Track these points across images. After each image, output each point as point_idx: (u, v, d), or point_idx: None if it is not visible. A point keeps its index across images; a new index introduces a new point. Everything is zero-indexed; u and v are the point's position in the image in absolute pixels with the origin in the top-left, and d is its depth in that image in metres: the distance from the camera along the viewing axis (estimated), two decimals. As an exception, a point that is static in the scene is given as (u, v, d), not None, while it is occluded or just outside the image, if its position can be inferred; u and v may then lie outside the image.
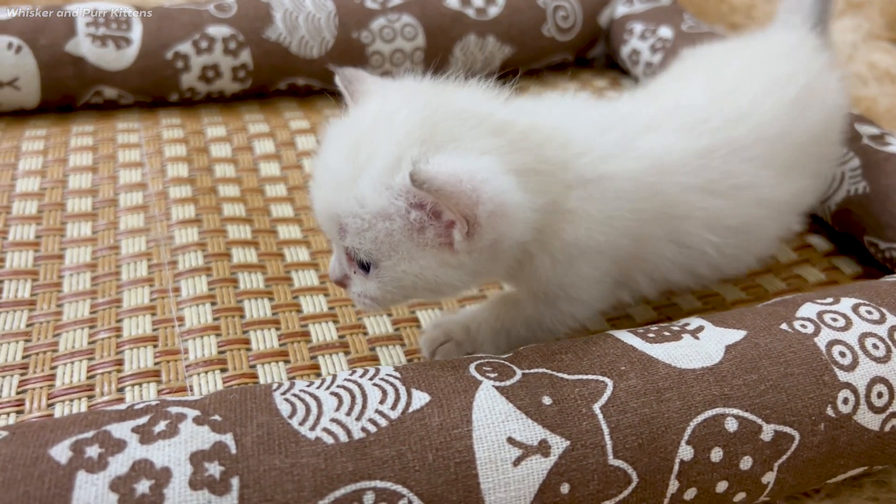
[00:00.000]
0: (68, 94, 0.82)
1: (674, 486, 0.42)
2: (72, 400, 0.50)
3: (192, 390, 0.51)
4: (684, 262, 0.53)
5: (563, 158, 0.47)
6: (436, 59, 0.92)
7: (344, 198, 0.43)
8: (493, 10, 0.93)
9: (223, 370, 0.53)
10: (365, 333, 0.57)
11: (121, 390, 0.51)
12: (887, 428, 0.45)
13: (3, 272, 0.60)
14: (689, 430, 0.42)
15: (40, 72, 0.80)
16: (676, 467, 0.41)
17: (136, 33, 0.82)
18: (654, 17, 0.93)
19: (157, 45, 0.82)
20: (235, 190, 0.73)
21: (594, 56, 1.01)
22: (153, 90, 0.84)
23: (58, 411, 0.49)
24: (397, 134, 0.43)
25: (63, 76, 0.81)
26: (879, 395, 0.45)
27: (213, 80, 0.85)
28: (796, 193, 0.57)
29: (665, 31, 0.90)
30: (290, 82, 0.88)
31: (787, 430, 0.43)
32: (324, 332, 0.57)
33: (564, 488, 0.39)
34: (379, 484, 0.37)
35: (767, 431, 0.43)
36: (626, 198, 0.48)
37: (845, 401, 0.45)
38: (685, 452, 0.41)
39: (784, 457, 0.43)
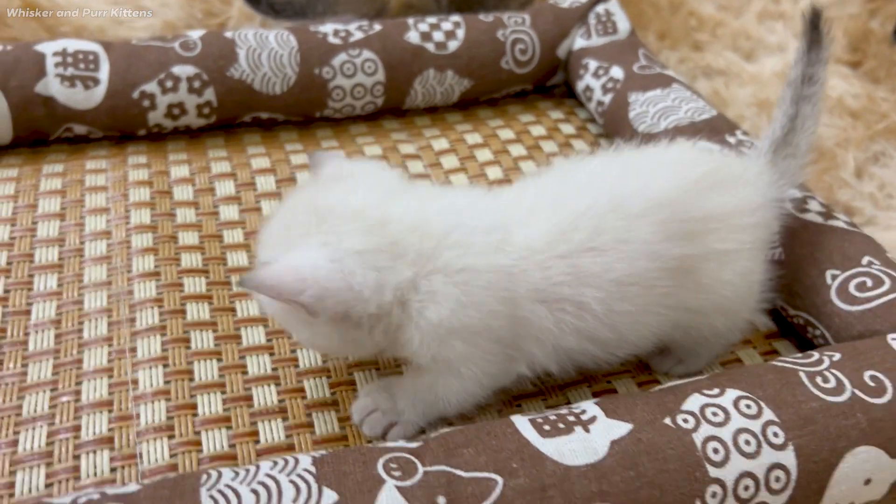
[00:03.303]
0: (40, 131, 0.86)
1: (552, 576, 0.47)
2: (31, 467, 0.56)
3: (141, 458, 0.57)
4: (574, 323, 0.55)
5: (432, 248, 0.53)
6: (396, 92, 0.95)
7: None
8: (453, 45, 0.96)
9: (171, 437, 0.59)
10: (304, 398, 0.63)
11: (77, 457, 0.57)
12: (753, 516, 0.51)
13: (-27, 329, 0.65)
14: (567, 527, 0.47)
15: (11, 112, 0.84)
16: (554, 561, 0.47)
17: (104, 73, 0.86)
18: (608, 54, 0.95)
19: (125, 85, 0.86)
20: (195, 237, 0.77)
21: (554, 83, 1.04)
22: (121, 127, 0.88)
23: (18, 479, 0.55)
24: (271, 230, 0.56)
25: (34, 116, 0.84)
26: (746, 488, 0.51)
27: (179, 117, 0.89)
28: (693, 258, 0.57)
29: (616, 72, 0.92)
30: (255, 116, 0.92)
31: (659, 522, 0.49)
32: (265, 397, 0.62)
33: (451, 583, 0.45)
34: (284, 584, 0.43)
35: (640, 525, 0.48)
36: (493, 287, 0.53)
37: (713, 495, 0.50)
38: (563, 547, 0.47)
39: (656, 546, 0.49)
